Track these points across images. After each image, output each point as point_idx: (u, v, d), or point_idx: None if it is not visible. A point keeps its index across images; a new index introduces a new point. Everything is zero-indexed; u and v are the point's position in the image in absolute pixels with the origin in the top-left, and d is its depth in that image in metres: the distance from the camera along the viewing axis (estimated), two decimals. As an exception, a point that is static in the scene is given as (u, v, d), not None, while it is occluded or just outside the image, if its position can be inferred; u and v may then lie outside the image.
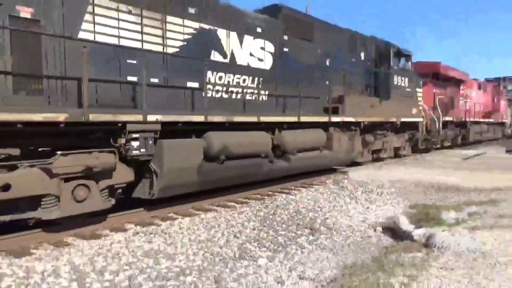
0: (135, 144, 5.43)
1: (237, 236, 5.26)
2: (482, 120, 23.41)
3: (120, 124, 5.26)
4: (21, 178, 4.49)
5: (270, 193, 7.96)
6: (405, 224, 5.68)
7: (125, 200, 6.03)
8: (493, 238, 4.76)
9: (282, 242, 5.18)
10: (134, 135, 5.41)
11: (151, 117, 5.53)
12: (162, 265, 4.18)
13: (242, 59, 7.67)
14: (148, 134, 5.58)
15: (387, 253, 4.74)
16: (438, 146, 16.67)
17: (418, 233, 5.20)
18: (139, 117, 5.42)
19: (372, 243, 5.42)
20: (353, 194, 8.28)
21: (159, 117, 5.67)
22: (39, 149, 5.19)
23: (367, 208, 7.31)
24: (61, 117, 4.62)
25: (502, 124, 28.20)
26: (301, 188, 8.53)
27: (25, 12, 4.76)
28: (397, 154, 13.32)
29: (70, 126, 4.80)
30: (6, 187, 4.38)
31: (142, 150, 5.52)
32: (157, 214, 6.09)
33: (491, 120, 25.08)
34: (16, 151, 4.57)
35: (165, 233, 5.18)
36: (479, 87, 24.49)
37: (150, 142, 5.63)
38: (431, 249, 4.63)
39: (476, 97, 23.36)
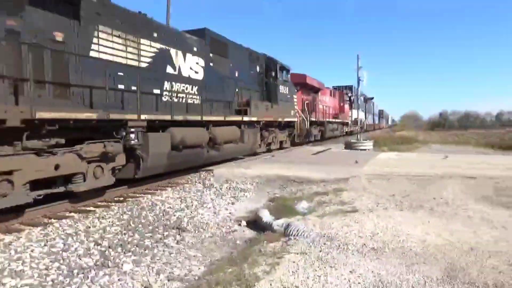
0: (132, 136, 7.36)
1: (98, 243, 4.99)
2: (333, 120, 29.56)
3: (124, 121, 7.13)
4: (65, 160, 6.14)
5: (136, 194, 7.91)
6: (266, 216, 5.91)
7: None
8: (336, 223, 5.38)
9: (149, 244, 5.04)
10: (132, 129, 7.34)
11: (142, 116, 7.52)
12: (6, 285, 3.76)
13: (185, 72, 9.93)
14: (139, 128, 7.55)
15: (251, 245, 4.94)
16: (307, 140, 21.21)
17: (278, 223, 5.48)
18: (135, 116, 7.36)
19: (237, 237, 5.56)
20: (218, 191, 8.55)
21: (147, 116, 7.68)
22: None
23: (232, 204, 7.55)
24: (94, 115, 6.39)
25: (347, 123, 35.54)
26: (167, 188, 8.60)
27: (59, 36, 6.31)
28: (282, 145, 17.05)
29: (98, 122, 6.55)
30: (57, 167, 5.99)
31: (136, 140, 7.47)
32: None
33: (339, 120, 31.68)
34: (62, 140, 6.15)
35: (10, 248, 4.72)
36: (331, 94, 30.74)
37: (140, 134, 7.60)
38: (289, 237, 4.92)
39: (329, 102, 29.36)
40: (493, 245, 4.58)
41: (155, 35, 8.75)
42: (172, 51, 9.40)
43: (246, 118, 12.38)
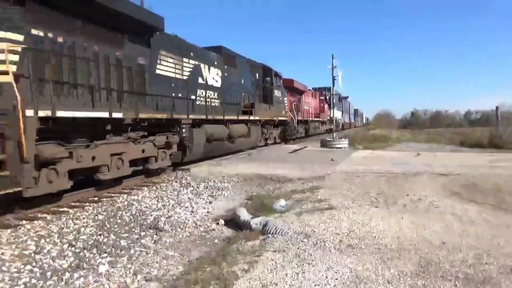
0: (184, 130, 10.14)
1: (72, 245, 4.88)
2: (315, 119, 32.82)
3: (179, 120, 9.91)
4: (147, 147, 8.89)
5: (111, 194, 7.77)
6: (244, 215, 5.88)
7: None
8: (314, 220, 5.38)
9: (125, 245, 4.96)
10: (183, 126, 10.13)
11: (190, 116, 10.32)
12: None
13: (210, 81, 12.73)
14: (187, 125, 10.34)
15: (229, 244, 4.91)
16: (294, 137, 24.28)
17: (255, 222, 5.45)
18: (185, 116, 10.15)
19: (215, 236, 5.52)
20: (196, 190, 8.53)
21: (192, 116, 10.47)
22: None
23: (210, 202, 7.50)
24: (165, 115, 9.16)
25: (326, 122, 38.90)
26: (143, 187, 8.56)
27: (141, 60, 9.02)
28: (275, 141, 20.05)
29: (166, 120, 9.32)
30: (143, 151, 8.73)
31: (186, 134, 10.26)
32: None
33: (320, 119, 34.98)
34: (145, 133, 8.89)
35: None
36: (312, 95, 33.96)
37: (188, 130, 10.38)
38: (267, 235, 4.90)
39: (311, 103, 32.58)
40: (463, 240, 4.70)
41: (192, 54, 11.52)
42: (202, 65, 12.18)
43: (251, 118, 15.27)
